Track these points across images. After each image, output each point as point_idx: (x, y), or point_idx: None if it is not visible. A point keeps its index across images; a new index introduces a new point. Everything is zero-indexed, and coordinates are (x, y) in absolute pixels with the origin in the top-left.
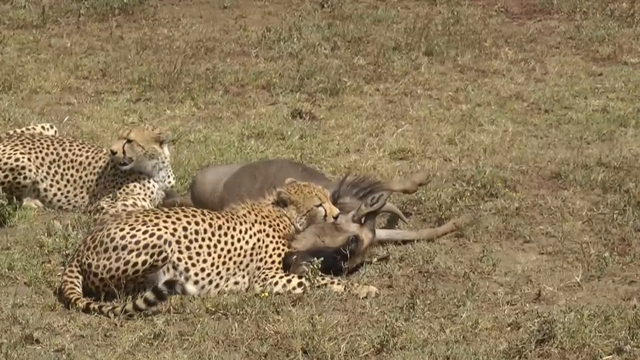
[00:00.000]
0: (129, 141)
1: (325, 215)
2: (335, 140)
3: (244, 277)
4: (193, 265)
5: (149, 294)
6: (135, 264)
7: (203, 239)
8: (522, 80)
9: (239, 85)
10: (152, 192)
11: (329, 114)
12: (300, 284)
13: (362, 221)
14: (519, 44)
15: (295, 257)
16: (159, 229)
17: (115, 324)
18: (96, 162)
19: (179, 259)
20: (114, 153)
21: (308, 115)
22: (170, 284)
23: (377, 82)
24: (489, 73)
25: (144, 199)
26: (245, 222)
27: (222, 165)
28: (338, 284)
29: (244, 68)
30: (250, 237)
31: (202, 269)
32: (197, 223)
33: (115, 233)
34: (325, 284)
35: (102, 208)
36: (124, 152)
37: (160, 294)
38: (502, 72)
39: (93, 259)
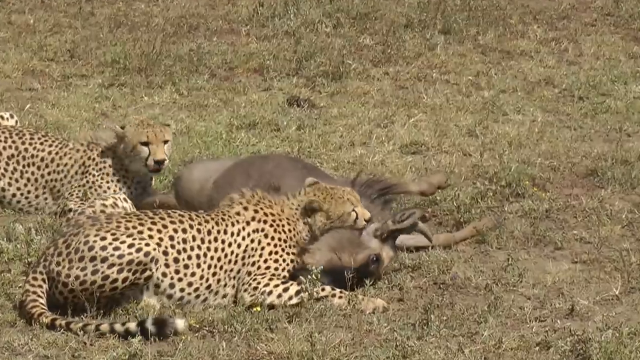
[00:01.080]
0: (165, 142)
1: (357, 219)
2: (337, 131)
3: (234, 287)
4: (180, 280)
5: (132, 326)
6: (115, 280)
7: (192, 248)
8: (552, 63)
9: (227, 68)
10: (131, 192)
11: (331, 102)
12: (298, 293)
13: (383, 236)
14: (549, 21)
15: (306, 273)
16: (147, 244)
17: (85, 343)
18: (61, 158)
19: (164, 274)
20: (161, 162)
21: (307, 102)
22: (161, 324)
23: (386, 64)
24: (515, 55)
25: (125, 200)
26: (238, 221)
27: (212, 161)
28: (340, 296)
29: (232, 48)
30: (243, 238)
31: (190, 284)
32: (185, 230)
33: (94, 241)
34: (326, 297)
35: (71, 209)
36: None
37: (145, 331)
38: (530, 54)
39: (64, 267)
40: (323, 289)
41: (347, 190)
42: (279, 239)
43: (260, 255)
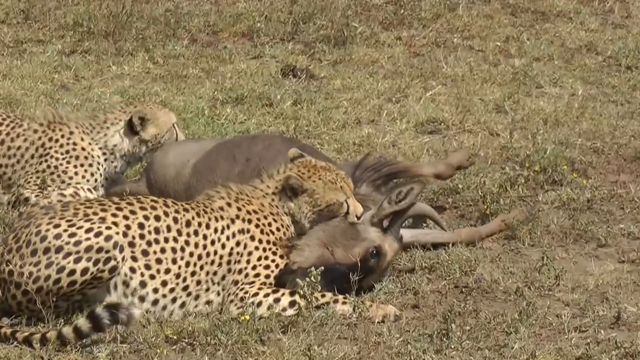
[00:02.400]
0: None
1: (347, 213)
2: (341, 107)
3: (218, 294)
4: (152, 277)
5: (82, 322)
6: (72, 272)
7: (166, 240)
8: (595, 26)
9: (210, 32)
10: (96, 180)
11: (333, 72)
12: (292, 304)
13: (385, 225)
14: None
15: (293, 276)
16: (107, 227)
17: (42, 358)
18: (12, 140)
19: (132, 270)
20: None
21: (304, 73)
22: (113, 308)
23: (398, 28)
24: (551, 16)
25: (89, 190)
26: (222, 217)
27: (191, 142)
28: (344, 302)
29: (216, 9)
30: (228, 238)
31: (164, 283)
32: (157, 218)
33: (47, 230)
34: (327, 303)
35: (27, 199)
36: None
37: (98, 322)
38: (569, 15)
39: (15, 265)
40: (323, 295)
41: (340, 175)
42: (267, 242)
43: (248, 262)
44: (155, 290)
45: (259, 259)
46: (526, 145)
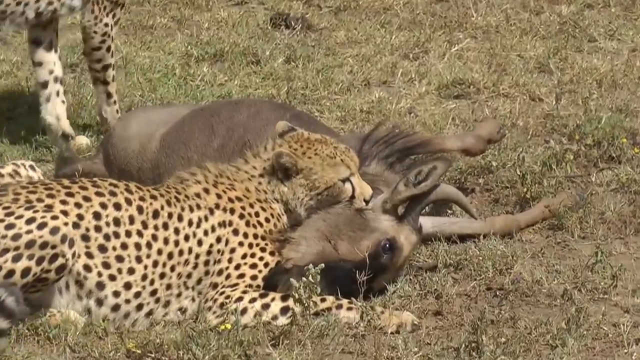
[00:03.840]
0: None
1: (352, 197)
2: (346, 65)
3: (193, 299)
4: (112, 278)
5: None
6: (11, 272)
7: (128, 234)
8: None
9: None
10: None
11: (336, 22)
12: (285, 310)
13: (400, 212)
14: None
15: (287, 276)
16: (54, 217)
17: None
18: None
19: (88, 268)
20: None
21: (299, 22)
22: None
23: None
24: None
25: (32, 167)
26: (199, 206)
27: (159, 109)
28: (349, 308)
29: None
30: (206, 232)
31: (127, 285)
32: (118, 206)
33: None
34: (329, 309)
35: None
36: None
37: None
38: None
39: None
40: (323, 299)
41: (340, 148)
42: (254, 235)
43: (230, 260)
44: (116, 294)
45: (244, 256)
46: (576, 113)
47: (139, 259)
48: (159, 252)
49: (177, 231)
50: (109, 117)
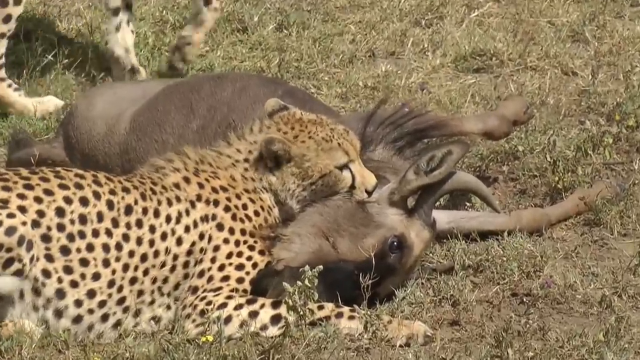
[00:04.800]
0: None
1: (352, 187)
2: (347, 33)
3: (169, 307)
4: (74, 284)
5: None
6: None
7: (96, 233)
8: None
9: None
10: None
11: None
12: (276, 319)
13: (410, 205)
14: None
15: (278, 279)
16: (10, 215)
17: None
18: None
19: (47, 273)
20: None
21: None
22: None
23: None
24: None
25: None
26: (179, 199)
27: (126, 84)
28: (351, 317)
29: None
30: (187, 229)
31: (91, 293)
32: (84, 201)
33: None
34: (327, 318)
35: None
36: None
37: None
38: None
39: None
40: (321, 307)
41: (338, 130)
42: (242, 231)
43: (213, 260)
44: (78, 303)
45: (229, 255)
46: (616, 90)
47: (106, 263)
48: (131, 254)
49: (152, 229)
50: None
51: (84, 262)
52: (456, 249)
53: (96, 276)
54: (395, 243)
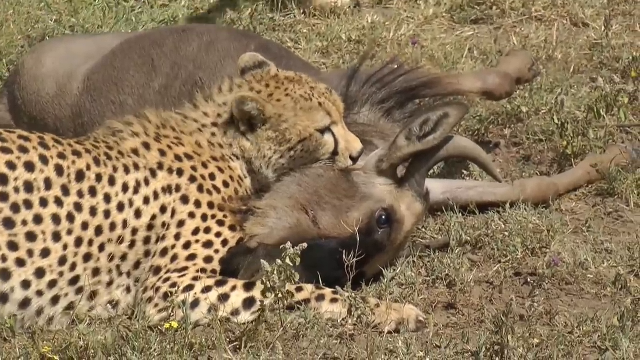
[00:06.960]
0: None
1: (335, 153)
2: None
3: (128, 290)
4: (20, 263)
5: None
6: None
7: (44, 202)
8: None
9: None
10: None
11: None
12: (249, 303)
13: (400, 174)
14: None
15: (252, 257)
16: None
17: None
18: None
19: None
20: None
21: None
22: None
23: None
24: None
25: None
26: (137, 166)
27: (79, 38)
28: (334, 300)
29: None
30: (147, 200)
31: (40, 272)
32: (30, 166)
33: None
34: (307, 301)
35: None
36: None
37: None
38: None
39: None
40: (300, 288)
41: (319, 89)
42: (209, 204)
43: (177, 237)
44: (26, 284)
45: (196, 231)
46: (632, 43)
47: (57, 236)
48: (84, 226)
49: (107, 198)
50: None
51: (31, 237)
52: (452, 223)
53: (45, 252)
54: (383, 217)
